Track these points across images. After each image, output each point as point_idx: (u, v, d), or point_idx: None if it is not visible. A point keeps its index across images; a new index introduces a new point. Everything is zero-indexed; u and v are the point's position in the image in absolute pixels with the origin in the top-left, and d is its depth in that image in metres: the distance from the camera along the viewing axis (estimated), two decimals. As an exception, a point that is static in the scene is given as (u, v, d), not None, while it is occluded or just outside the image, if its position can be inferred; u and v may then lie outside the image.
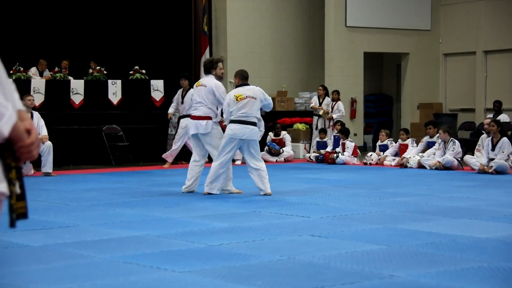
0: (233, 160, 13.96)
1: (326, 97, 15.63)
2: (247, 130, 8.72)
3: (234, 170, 9.43)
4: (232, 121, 8.72)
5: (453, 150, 12.20)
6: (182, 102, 12.97)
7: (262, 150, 14.68)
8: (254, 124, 8.75)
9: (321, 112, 15.45)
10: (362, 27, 17.74)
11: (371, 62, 18.84)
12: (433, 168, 12.17)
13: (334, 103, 15.46)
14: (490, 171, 11.38)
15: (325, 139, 14.73)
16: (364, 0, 17.67)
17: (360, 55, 17.80)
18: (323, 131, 14.96)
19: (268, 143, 14.67)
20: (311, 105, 15.70)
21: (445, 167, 12.15)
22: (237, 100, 8.75)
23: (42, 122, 11.71)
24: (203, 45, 16.89)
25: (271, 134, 14.81)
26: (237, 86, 8.97)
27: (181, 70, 17.29)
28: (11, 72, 14.07)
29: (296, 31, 18.36)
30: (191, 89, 11.87)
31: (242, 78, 9.02)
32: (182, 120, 12.66)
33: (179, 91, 13.41)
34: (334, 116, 15.25)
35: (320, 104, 15.48)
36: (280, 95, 17.08)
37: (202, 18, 16.84)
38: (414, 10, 18.43)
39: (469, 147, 14.42)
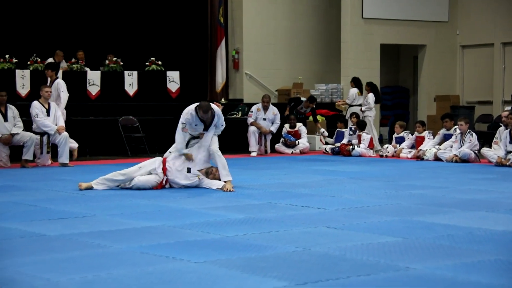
0: (249, 152, 14.00)
1: (351, 89, 15.62)
2: None
3: (249, 162, 9.44)
4: None
5: (469, 142, 12.12)
6: None
7: (277, 141, 14.70)
8: None
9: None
10: (378, 18, 17.63)
11: (387, 54, 18.74)
12: (451, 161, 12.10)
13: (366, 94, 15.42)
14: (507, 163, 11.29)
15: (343, 130, 14.67)
16: (381, -8, 17.55)
17: (377, 47, 17.70)
18: (342, 121, 14.92)
19: (283, 135, 14.65)
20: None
21: (462, 160, 12.08)
22: None
23: (59, 113, 11.78)
24: (219, 37, 16.88)
25: (286, 126, 14.79)
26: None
27: (197, 62, 17.36)
28: (28, 63, 14.16)
29: (312, 22, 18.29)
30: None
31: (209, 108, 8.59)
32: None
33: None
34: (363, 108, 15.20)
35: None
36: (296, 87, 17.04)
37: (218, 9, 16.83)
38: (431, 1, 18.29)
39: (486, 139, 14.32)
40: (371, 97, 15.31)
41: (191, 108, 8.60)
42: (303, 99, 15.46)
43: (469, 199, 7.69)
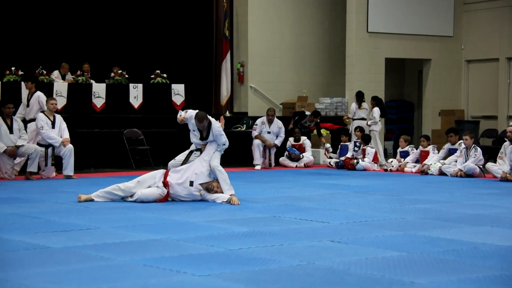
0: (253, 165, 13.99)
1: (352, 103, 15.66)
2: None
3: (254, 175, 9.44)
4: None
5: (474, 157, 12.10)
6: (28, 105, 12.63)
7: (282, 155, 14.70)
8: None
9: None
10: (384, 32, 17.67)
11: (392, 68, 18.76)
12: (455, 176, 12.07)
13: (372, 108, 15.48)
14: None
15: (347, 143, 14.66)
16: (386, 6, 17.60)
17: (382, 61, 17.73)
18: (346, 134, 14.93)
19: (288, 148, 14.65)
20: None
21: (466, 175, 12.05)
22: None
23: (64, 125, 11.80)
24: (224, 50, 16.93)
25: (291, 139, 14.78)
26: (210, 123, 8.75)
27: (202, 74, 17.40)
28: (34, 75, 14.21)
29: (317, 36, 18.34)
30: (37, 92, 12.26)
31: (206, 118, 8.71)
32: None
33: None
34: (369, 122, 15.26)
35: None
36: (301, 100, 17.06)
37: (224, 22, 16.89)
38: (437, 16, 18.33)
39: (491, 154, 14.28)
40: (376, 111, 15.32)
41: (193, 114, 8.66)
42: (307, 113, 15.47)
43: (474, 214, 7.67)
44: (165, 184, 8.40)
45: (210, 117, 8.79)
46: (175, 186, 8.41)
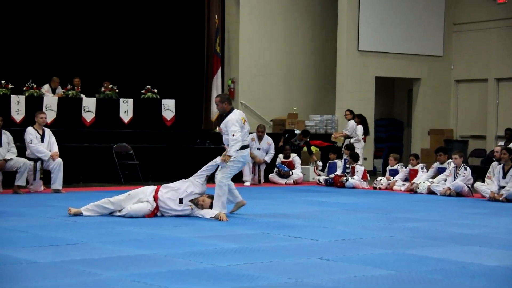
0: (243, 181, 13.97)
1: (350, 121, 15.66)
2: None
3: (243, 191, 9.43)
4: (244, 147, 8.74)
5: (463, 176, 12.15)
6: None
7: (271, 171, 14.69)
8: None
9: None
10: (374, 51, 17.77)
11: (382, 86, 18.85)
12: (444, 195, 12.11)
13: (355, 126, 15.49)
14: (500, 199, 11.30)
15: (335, 160, 14.68)
16: (376, 25, 17.72)
17: (372, 80, 17.82)
18: (334, 152, 14.95)
19: (277, 165, 14.65)
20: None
21: (456, 193, 12.09)
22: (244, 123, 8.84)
23: (53, 139, 11.76)
24: (215, 66, 16.96)
25: (280, 156, 14.79)
26: (230, 111, 8.89)
27: (193, 90, 17.41)
28: (24, 88, 14.18)
29: (308, 54, 18.42)
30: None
31: (230, 103, 9.07)
32: None
33: None
34: (352, 140, 15.29)
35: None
36: (291, 117, 17.09)
37: (215, 39, 16.94)
38: (427, 36, 18.46)
39: (479, 174, 14.34)
40: (359, 129, 15.41)
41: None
42: (297, 131, 15.50)
43: (462, 233, 7.68)
44: (155, 198, 8.38)
45: (235, 110, 8.94)
46: (166, 200, 8.39)
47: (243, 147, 8.74)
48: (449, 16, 18.67)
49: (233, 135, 8.59)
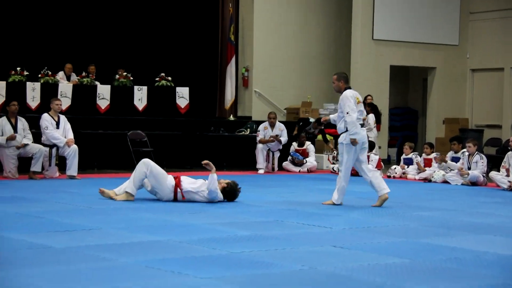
0: (256, 169, 13.99)
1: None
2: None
3: (257, 179, 9.44)
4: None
5: (482, 164, 12.11)
6: None
7: (285, 159, 14.69)
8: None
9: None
10: (389, 40, 17.68)
11: (397, 75, 18.76)
12: (464, 176, 12.05)
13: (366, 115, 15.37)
14: (516, 188, 11.26)
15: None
16: (391, 14, 17.61)
17: (386, 69, 17.73)
18: None
19: (291, 153, 14.64)
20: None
21: (470, 182, 12.04)
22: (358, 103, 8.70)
23: (68, 125, 11.82)
24: (229, 54, 16.95)
25: (294, 144, 14.78)
26: (346, 89, 8.76)
27: (207, 78, 17.42)
28: (39, 75, 14.25)
29: (322, 43, 18.35)
30: None
31: (347, 81, 8.86)
32: None
33: None
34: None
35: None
36: (305, 106, 17.06)
37: (229, 27, 16.91)
38: (442, 24, 18.33)
39: (495, 163, 14.26)
40: (371, 117, 15.34)
41: None
42: (311, 120, 15.46)
43: (477, 222, 7.65)
44: (177, 182, 8.59)
45: (350, 89, 8.73)
46: (186, 183, 8.59)
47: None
48: (465, 5, 18.52)
49: (347, 113, 8.52)
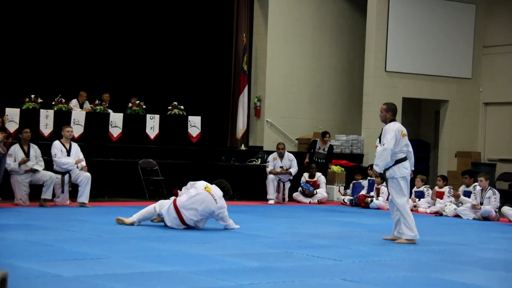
0: (267, 200, 13.95)
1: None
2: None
3: (267, 210, 9.41)
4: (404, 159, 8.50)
5: (494, 200, 12.03)
6: None
7: (296, 190, 14.65)
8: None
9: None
10: (402, 72, 17.71)
11: (409, 107, 18.75)
12: (477, 210, 11.98)
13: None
14: (528, 223, 11.16)
15: (360, 180, 14.63)
16: (405, 46, 17.67)
17: (399, 100, 17.71)
18: (359, 172, 14.89)
19: (302, 184, 14.61)
20: None
21: (482, 217, 11.94)
22: (403, 136, 8.58)
23: (81, 155, 11.84)
24: (242, 84, 17.02)
25: (305, 175, 14.75)
26: (390, 121, 8.69)
27: (219, 107, 17.48)
28: (53, 103, 14.36)
29: (335, 73, 18.41)
30: None
31: (394, 114, 8.75)
32: None
33: None
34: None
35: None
36: (316, 136, 17.04)
37: (242, 57, 17.00)
38: (455, 58, 18.36)
39: (507, 198, 14.17)
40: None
41: None
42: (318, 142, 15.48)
43: (488, 258, 7.57)
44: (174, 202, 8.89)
45: (395, 122, 8.65)
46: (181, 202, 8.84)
47: (402, 160, 8.51)
48: (479, 39, 18.56)
49: (383, 145, 8.43)
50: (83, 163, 11.74)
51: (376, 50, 17.33)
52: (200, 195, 8.78)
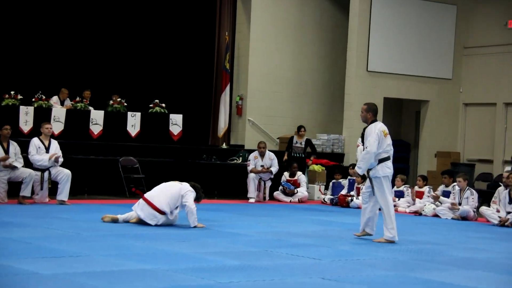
0: (247, 198, 13.96)
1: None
2: None
3: (247, 208, 9.42)
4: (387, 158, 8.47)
5: (472, 200, 12.14)
6: None
7: (276, 189, 14.68)
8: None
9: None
10: (383, 72, 17.79)
11: (390, 107, 18.84)
12: (455, 210, 12.08)
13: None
14: (506, 224, 11.25)
15: (340, 180, 14.69)
16: (386, 46, 17.75)
17: (380, 100, 17.79)
18: (339, 172, 14.94)
19: (282, 183, 14.64)
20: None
21: (461, 217, 12.04)
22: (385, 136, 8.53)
23: (60, 152, 11.71)
24: (224, 82, 17.00)
25: (286, 174, 14.78)
26: (372, 122, 8.66)
27: (201, 106, 17.45)
28: (33, 100, 14.25)
29: (317, 73, 18.45)
30: None
31: (375, 114, 8.72)
32: None
33: None
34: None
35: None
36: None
37: (225, 55, 16.99)
38: (436, 58, 18.47)
39: (485, 198, 14.28)
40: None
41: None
42: (295, 138, 15.52)
43: (466, 257, 7.64)
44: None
45: (377, 122, 8.61)
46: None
47: (385, 159, 8.46)
48: (459, 40, 18.70)
49: (366, 147, 8.38)
50: (60, 158, 11.57)
51: (358, 50, 17.40)
52: (166, 183, 9.31)
